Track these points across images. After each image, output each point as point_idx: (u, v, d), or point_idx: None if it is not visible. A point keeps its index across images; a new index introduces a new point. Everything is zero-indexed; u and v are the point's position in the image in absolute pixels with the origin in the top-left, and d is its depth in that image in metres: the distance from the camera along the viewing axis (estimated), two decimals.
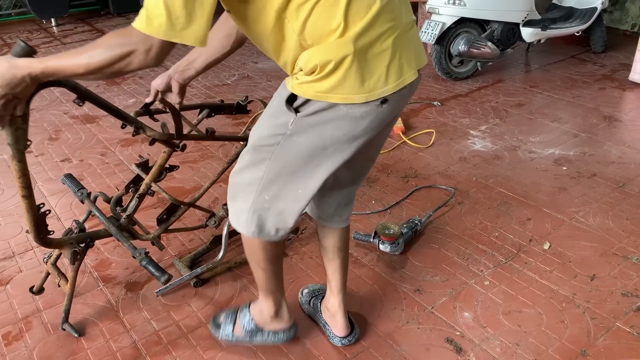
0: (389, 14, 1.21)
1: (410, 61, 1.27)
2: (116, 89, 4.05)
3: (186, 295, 1.99)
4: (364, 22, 1.18)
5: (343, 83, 1.20)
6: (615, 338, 1.75)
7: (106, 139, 3.25)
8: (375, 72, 1.21)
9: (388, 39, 1.21)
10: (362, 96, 1.21)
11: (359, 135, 1.28)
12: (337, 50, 1.18)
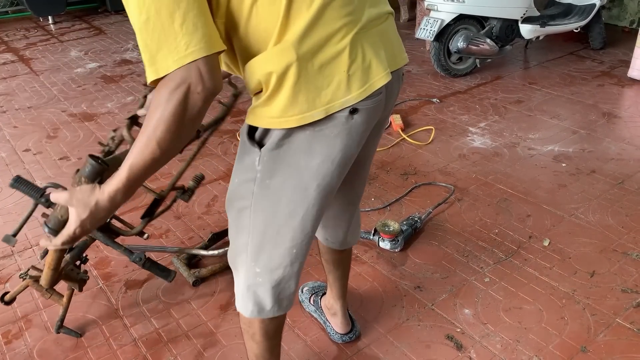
0: (343, 7, 1.01)
1: (381, 61, 1.07)
2: (114, 87, 4.04)
3: (186, 293, 1.99)
4: (306, 20, 0.97)
5: (294, 100, 1.00)
6: (615, 334, 1.76)
7: (104, 137, 3.24)
8: (332, 79, 1.01)
9: (344, 38, 1.01)
10: (320, 110, 1.01)
11: (339, 157, 1.08)
12: (278, 58, 0.97)
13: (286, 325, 1.83)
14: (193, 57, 0.87)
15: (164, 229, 2.36)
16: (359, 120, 1.07)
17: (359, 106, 1.05)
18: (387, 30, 1.14)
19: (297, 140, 1.05)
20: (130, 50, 4.94)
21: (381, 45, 1.09)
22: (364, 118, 1.08)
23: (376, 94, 1.07)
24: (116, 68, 4.46)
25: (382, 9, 1.12)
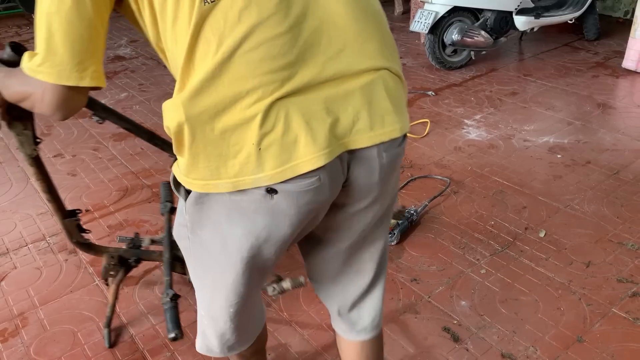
0: (267, 60, 0.80)
1: (316, 137, 0.83)
2: (107, 83, 4.02)
3: (182, 289, 1.99)
4: (205, 71, 0.80)
5: (194, 164, 0.86)
6: (611, 324, 1.76)
7: (99, 134, 3.22)
8: (241, 149, 0.83)
9: (257, 103, 0.81)
10: (226, 182, 0.85)
11: (264, 234, 0.92)
12: (171, 113, 0.85)
13: (283, 320, 1.83)
14: (39, 77, 0.84)
15: (159, 225, 2.36)
16: (283, 203, 0.88)
17: (278, 188, 0.86)
18: (363, 92, 0.88)
19: (215, 203, 0.91)
20: (123, 46, 4.91)
21: (329, 114, 0.85)
22: (291, 202, 0.88)
23: (305, 177, 0.85)
24: (109, 64, 4.44)
25: (359, 64, 0.87)
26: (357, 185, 0.96)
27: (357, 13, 0.88)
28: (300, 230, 0.96)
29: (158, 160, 2.90)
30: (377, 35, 0.91)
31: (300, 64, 0.83)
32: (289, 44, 0.82)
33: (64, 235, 1.61)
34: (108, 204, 2.52)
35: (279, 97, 0.82)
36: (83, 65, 0.83)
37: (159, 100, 3.69)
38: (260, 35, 0.81)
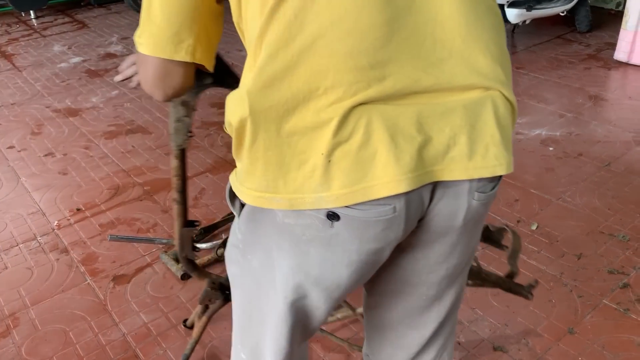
0: (363, 54, 0.67)
1: (401, 156, 0.68)
2: (99, 81, 3.99)
3: (174, 287, 1.98)
4: (276, 60, 0.68)
5: (252, 170, 0.73)
6: (602, 315, 1.77)
7: (90, 132, 3.21)
8: (307, 158, 0.69)
9: (338, 104, 0.67)
10: (283, 199, 0.71)
11: (315, 272, 0.78)
12: (235, 105, 0.73)
13: None
14: (139, 49, 0.80)
15: (151, 223, 2.35)
16: (345, 234, 0.72)
17: (342, 213, 0.70)
18: (466, 111, 0.71)
19: (268, 223, 0.78)
20: (114, 43, 4.88)
21: (420, 131, 0.69)
22: (354, 233, 0.72)
23: (377, 204, 0.69)
24: (100, 62, 4.41)
25: (466, 78, 0.71)
26: (433, 226, 0.78)
27: (471, 18, 0.73)
28: (358, 276, 0.79)
29: (150, 157, 2.89)
30: (493, 49, 0.75)
31: (394, 66, 0.68)
32: (384, 38, 0.67)
33: (176, 247, 1.45)
34: (99, 202, 2.51)
35: (362, 102, 0.67)
36: (179, 37, 0.76)
37: (149, 97, 3.66)
38: (352, 23, 0.66)
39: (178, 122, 1.22)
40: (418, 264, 0.86)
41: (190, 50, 0.78)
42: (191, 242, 1.43)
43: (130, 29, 5.31)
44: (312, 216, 0.72)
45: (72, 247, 2.22)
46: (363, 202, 0.69)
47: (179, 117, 1.21)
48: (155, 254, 2.15)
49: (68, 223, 2.37)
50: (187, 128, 1.22)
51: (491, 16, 0.77)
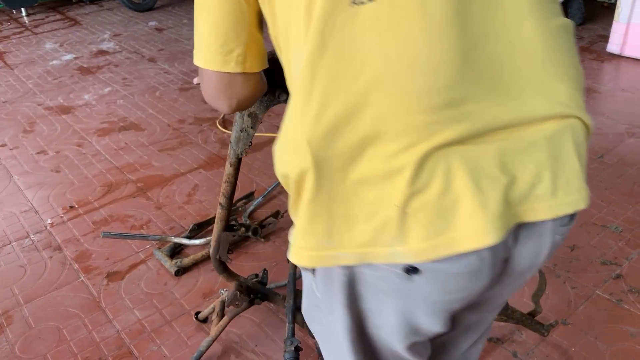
0: (437, 93, 0.60)
1: (486, 203, 0.61)
2: (91, 78, 3.97)
3: (168, 284, 1.98)
4: (339, 101, 0.61)
5: (311, 227, 0.66)
6: (595, 306, 1.78)
7: (82, 130, 3.19)
8: (377, 209, 0.63)
9: (411, 150, 0.60)
10: (350, 253, 0.65)
11: (399, 322, 0.72)
12: (293, 153, 0.66)
13: (269, 311, 1.83)
14: (195, 62, 0.79)
15: (144, 219, 2.34)
16: (426, 287, 0.67)
17: (422, 267, 0.64)
18: (549, 144, 0.65)
19: (338, 277, 0.71)
20: (106, 40, 4.86)
21: (505, 172, 0.63)
22: (437, 286, 0.67)
23: (461, 256, 0.63)
24: (92, 59, 4.39)
25: (547, 108, 0.65)
26: (517, 267, 0.72)
27: (549, 41, 0.67)
28: (441, 325, 0.74)
29: (143, 154, 2.88)
30: (572, 73, 0.70)
31: (472, 103, 0.61)
32: (460, 73, 0.60)
33: (211, 249, 1.45)
34: (92, 199, 2.50)
35: (438, 145, 0.60)
36: (227, 48, 0.74)
37: (142, 94, 3.66)
38: (424, 57, 0.59)
39: (242, 132, 1.21)
40: (494, 302, 0.83)
41: (240, 60, 0.75)
42: (228, 245, 1.43)
43: (123, 25, 5.29)
44: (386, 270, 0.65)
45: (66, 245, 2.21)
46: (445, 256, 0.62)
47: (244, 127, 1.21)
48: (149, 251, 2.15)
49: (61, 221, 2.36)
50: (249, 139, 1.22)
51: (565, 34, 0.70)
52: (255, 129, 1.22)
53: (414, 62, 0.60)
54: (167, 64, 4.20)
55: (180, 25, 5.22)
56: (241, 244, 2.14)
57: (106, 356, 1.70)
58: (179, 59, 4.27)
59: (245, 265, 2.04)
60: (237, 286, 1.55)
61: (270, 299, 1.65)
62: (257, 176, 2.61)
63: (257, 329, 1.77)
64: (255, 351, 1.70)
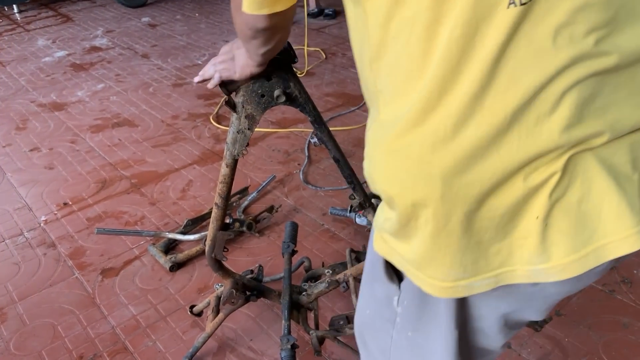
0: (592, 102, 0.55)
1: (627, 202, 0.57)
2: (84, 75, 3.95)
3: (163, 279, 1.98)
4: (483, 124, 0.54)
5: (436, 257, 0.61)
6: (588, 297, 1.79)
7: (76, 126, 3.18)
8: (511, 229, 0.58)
9: (554, 162, 0.56)
10: (484, 280, 0.61)
11: (499, 322, 0.70)
12: (417, 172, 0.58)
13: (265, 305, 1.84)
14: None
15: (138, 216, 2.34)
16: (551, 289, 0.64)
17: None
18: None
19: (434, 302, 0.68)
20: (99, 36, 4.83)
21: (636, 167, 0.58)
22: (563, 289, 0.64)
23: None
24: (85, 55, 4.36)
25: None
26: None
27: None
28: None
29: (136, 150, 2.87)
30: None
31: (615, 110, 0.56)
32: (623, 83, 0.55)
33: (206, 248, 1.43)
34: (86, 196, 2.50)
35: (579, 150, 0.55)
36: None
37: (136, 90, 3.64)
38: (584, 69, 0.53)
39: (239, 134, 1.21)
40: None
41: None
42: (223, 244, 1.43)
43: (115, 21, 5.26)
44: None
45: (60, 242, 2.21)
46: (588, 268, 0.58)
47: (241, 128, 1.20)
48: (143, 247, 2.15)
49: (55, 217, 2.36)
50: (246, 140, 1.22)
51: None
52: (253, 131, 1.22)
53: (576, 72, 0.55)
54: (160, 60, 4.18)
55: (173, 21, 5.20)
56: (236, 239, 2.14)
57: (101, 352, 1.70)
58: (173, 55, 4.26)
59: (240, 260, 2.04)
60: (233, 284, 1.55)
61: (266, 296, 1.65)
62: (251, 171, 2.61)
63: (253, 324, 1.77)
64: (250, 347, 1.70)
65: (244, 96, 1.17)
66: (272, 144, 2.86)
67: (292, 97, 1.19)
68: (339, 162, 1.32)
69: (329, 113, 3.16)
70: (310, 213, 2.28)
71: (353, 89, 3.47)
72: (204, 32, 4.82)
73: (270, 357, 1.66)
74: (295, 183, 2.50)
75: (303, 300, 1.61)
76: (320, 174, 2.56)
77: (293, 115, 3.12)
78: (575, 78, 0.53)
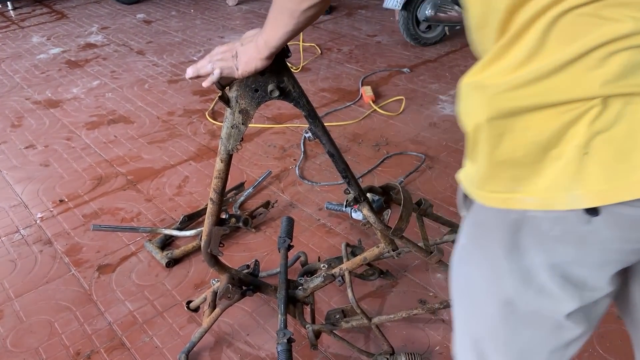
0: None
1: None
2: (79, 72, 3.94)
3: (159, 275, 1.98)
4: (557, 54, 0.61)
5: (494, 174, 0.69)
6: None
7: (71, 123, 3.17)
8: (557, 155, 0.63)
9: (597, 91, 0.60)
10: (533, 198, 0.65)
11: (560, 271, 0.69)
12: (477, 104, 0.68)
13: (261, 300, 1.84)
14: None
15: (135, 212, 2.34)
16: (605, 232, 0.64)
17: (604, 210, 0.62)
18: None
19: (496, 219, 0.72)
20: (94, 33, 4.81)
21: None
22: (617, 232, 0.64)
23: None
24: (80, 52, 4.35)
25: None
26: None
27: None
28: (609, 281, 0.71)
29: (132, 147, 2.87)
30: None
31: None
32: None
33: (202, 243, 1.43)
34: (82, 193, 2.50)
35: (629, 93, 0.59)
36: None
37: (131, 87, 3.64)
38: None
39: (233, 129, 1.22)
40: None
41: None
42: (219, 239, 1.43)
43: (110, 18, 5.24)
44: (565, 211, 0.64)
45: (56, 239, 2.21)
46: (629, 199, 0.60)
47: (236, 123, 1.21)
48: (139, 243, 2.15)
49: (51, 215, 2.36)
50: (240, 135, 1.23)
51: None
52: (247, 125, 1.22)
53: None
54: (155, 56, 4.17)
55: (169, 17, 5.19)
56: (232, 234, 2.15)
57: (98, 348, 1.71)
58: (168, 51, 4.25)
59: (237, 256, 2.05)
60: (229, 279, 1.56)
61: (262, 290, 1.66)
62: (247, 167, 2.61)
63: (249, 319, 1.78)
64: (247, 341, 1.71)
65: (238, 91, 1.18)
66: (268, 140, 2.86)
67: (286, 92, 1.19)
68: (334, 157, 1.32)
69: (325, 108, 3.16)
70: (306, 208, 2.29)
71: (348, 84, 3.47)
72: (200, 28, 4.80)
73: (267, 352, 1.66)
74: (291, 178, 2.50)
75: (299, 295, 1.62)
76: (316, 169, 2.56)
77: (289, 110, 3.12)
78: (628, 45, 0.58)
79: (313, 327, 1.55)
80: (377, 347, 1.65)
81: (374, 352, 1.60)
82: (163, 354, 1.67)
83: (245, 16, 5.11)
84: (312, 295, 1.64)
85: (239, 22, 4.91)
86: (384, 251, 1.49)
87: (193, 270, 2.00)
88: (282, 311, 1.48)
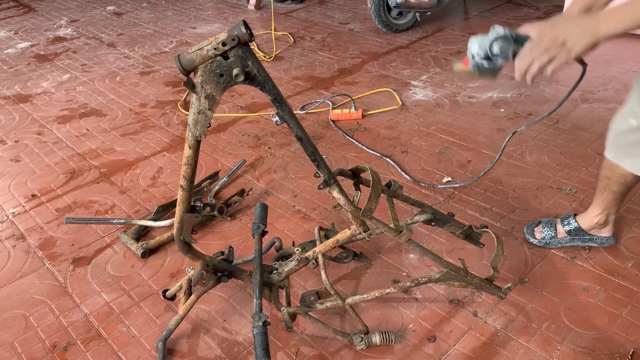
0: None
1: None
2: (49, 66, 3.88)
3: (135, 266, 1.98)
4: None
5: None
6: (550, 264, 1.86)
7: (42, 118, 3.13)
8: None
9: None
10: None
11: None
12: None
13: (237, 286, 1.85)
14: None
15: (109, 204, 2.33)
16: None
17: None
18: None
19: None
20: (63, 27, 4.73)
21: None
22: None
23: None
24: (49, 46, 4.28)
25: None
26: None
27: None
28: None
29: (105, 140, 2.84)
30: None
31: None
32: None
33: (174, 230, 1.45)
34: (55, 187, 2.47)
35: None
36: None
37: (103, 79, 3.59)
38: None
39: (200, 114, 1.22)
40: None
41: None
42: (191, 226, 1.44)
43: (80, 11, 5.15)
44: None
45: (29, 233, 2.19)
46: None
47: (202, 109, 1.22)
48: (114, 235, 2.14)
49: (23, 210, 2.33)
50: (207, 120, 1.24)
51: None
52: (213, 111, 1.23)
53: None
54: (127, 48, 4.12)
55: (140, 9, 5.12)
56: (207, 223, 2.16)
57: (75, 340, 1.71)
58: (139, 43, 4.20)
59: (213, 244, 2.06)
60: (203, 265, 1.57)
61: (237, 276, 1.67)
62: (222, 156, 2.61)
63: (226, 305, 1.79)
64: (224, 327, 1.72)
65: (203, 76, 1.18)
66: (242, 129, 2.86)
67: (251, 76, 1.20)
68: (302, 140, 1.34)
69: (299, 97, 3.17)
70: (281, 195, 2.30)
71: (321, 72, 3.48)
72: (171, 19, 4.76)
73: (244, 336, 1.68)
74: (266, 166, 2.51)
75: (274, 279, 1.64)
76: (290, 156, 2.57)
77: (262, 99, 3.12)
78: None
79: (288, 310, 1.57)
80: (352, 327, 1.68)
81: (349, 332, 1.63)
82: (140, 343, 1.68)
83: (217, 6, 5.06)
84: (287, 279, 1.66)
85: (211, 13, 4.87)
86: (356, 233, 1.52)
87: (169, 260, 2.00)
88: (257, 295, 1.50)
